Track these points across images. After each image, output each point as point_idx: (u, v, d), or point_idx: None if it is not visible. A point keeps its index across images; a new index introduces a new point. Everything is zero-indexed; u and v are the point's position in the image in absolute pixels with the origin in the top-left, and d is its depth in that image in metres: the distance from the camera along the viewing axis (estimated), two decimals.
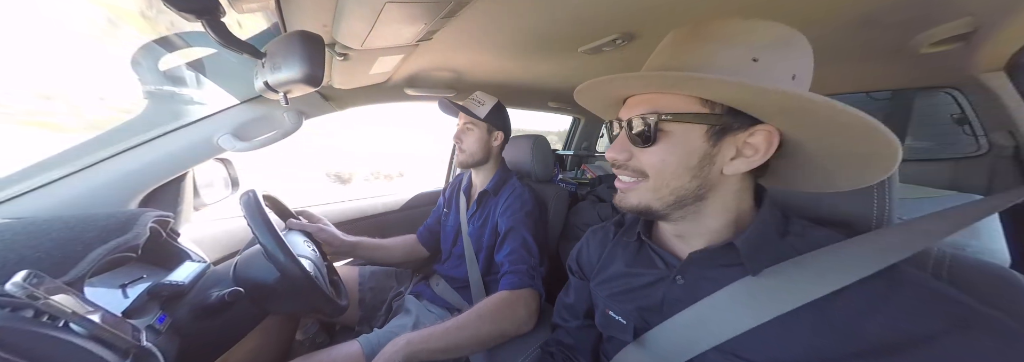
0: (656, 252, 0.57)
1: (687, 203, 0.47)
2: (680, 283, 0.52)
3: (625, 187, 0.50)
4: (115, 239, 0.53)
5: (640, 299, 0.57)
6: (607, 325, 0.61)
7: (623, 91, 0.51)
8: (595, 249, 0.69)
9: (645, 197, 0.48)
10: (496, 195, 1.08)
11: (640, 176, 0.48)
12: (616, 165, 0.50)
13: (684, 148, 0.45)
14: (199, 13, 0.47)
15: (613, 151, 0.49)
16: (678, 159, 0.45)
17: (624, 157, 0.48)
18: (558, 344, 0.72)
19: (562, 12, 0.67)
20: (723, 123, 0.44)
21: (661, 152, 0.46)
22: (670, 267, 0.55)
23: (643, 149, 0.47)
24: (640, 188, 0.48)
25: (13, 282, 0.36)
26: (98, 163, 0.74)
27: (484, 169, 1.14)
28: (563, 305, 0.75)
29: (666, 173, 0.46)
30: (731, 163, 0.45)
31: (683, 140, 0.45)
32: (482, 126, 1.08)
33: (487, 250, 1.04)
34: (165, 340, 0.55)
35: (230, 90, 0.89)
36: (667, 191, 0.47)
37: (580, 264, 0.73)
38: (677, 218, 0.49)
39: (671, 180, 0.46)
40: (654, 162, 0.46)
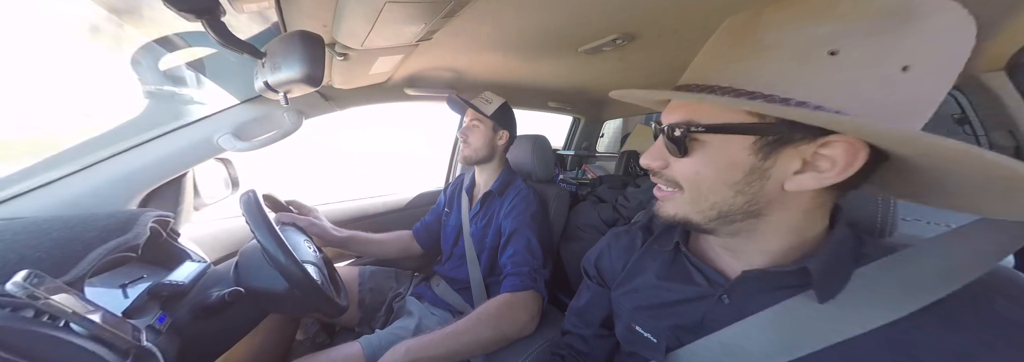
0: (696, 266, 0.52)
1: (736, 219, 0.41)
2: (726, 303, 0.47)
3: (662, 196, 0.46)
4: (115, 239, 0.53)
5: (675, 317, 0.51)
6: (632, 341, 0.56)
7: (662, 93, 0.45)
8: (619, 255, 0.64)
9: (683, 209, 0.44)
10: (501, 196, 1.08)
11: (674, 187, 0.44)
12: (652, 173, 0.46)
13: (723, 161, 0.39)
14: (199, 13, 0.47)
15: (648, 157, 0.45)
16: (716, 173, 0.40)
17: (659, 165, 0.44)
18: (570, 348, 0.69)
19: (562, 12, 0.67)
20: (777, 134, 0.36)
21: (695, 164, 0.41)
22: (714, 285, 0.49)
23: (680, 159, 0.42)
24: (677, 200, 0.44)
25: (13, 282, 0.36)
26: (98, 163, 0.74)
27: (488, 168, 1.14)
28: (577, 311, 0.70)
29: (702, 187, 0.41)
30: (795, 178, 0.38)
31: (722, 152, 0.39)
32: (488, 124, 1.08)
33: (489, 251, 1.03)
34: (165, 340, 0.55)
35: (230, 90, 0.89)
36: (706, 205, 0.42)
37: (599, 269, 0.67)
38: (727, 234, 0.44)
39: (709, 194, 0.41)
40: (688, 174, 0.42)
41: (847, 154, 0.35)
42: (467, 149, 1.10)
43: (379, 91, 1.13)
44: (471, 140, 1.09)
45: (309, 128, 1.01)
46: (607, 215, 1.25)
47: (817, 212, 0.43)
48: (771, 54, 0.34)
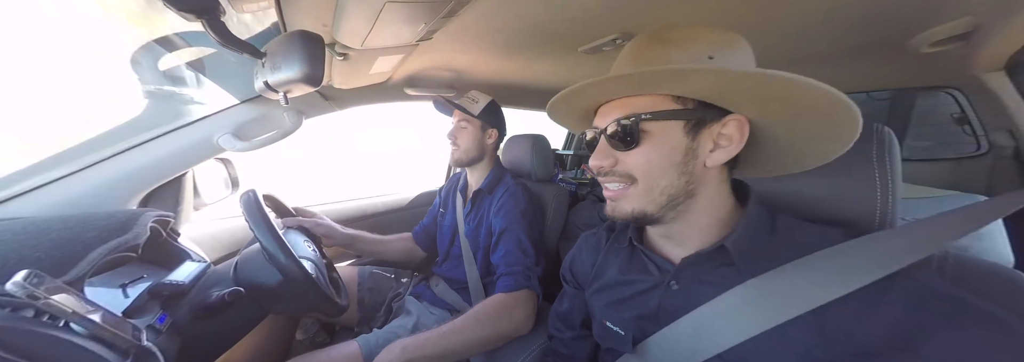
0: (649, 257, 0.57)
1: (679, 202, 0.47)
2: (675, 289, 0.51)
3: (616, 195, 0.50)
4: (115, 239, 0.53)
5: (636, 307, 0.55)
6: (605, 337, 0.59)
7: (597, 98, 0.51)
8: (589, 256, 0.68)
9: (639, 202, 0.48)
10: (491, 194, 1.08)
11: (628, 181, 0.48)
12: (602, 173, 0.50)
13: (667, 145, 0.45)
14: (199, 13, 0.47)
15: (596, 159, 0.49)
16: (663, 156, 0.46)
17: (609, 163, 0.48)
18: (555, 354, 0.71)
19: (562, 12, 0.67)
20: (698, 117, 0.45)
21: (646, 152, 0.46)
22: (664, 272, 0.54)
23: (627, 152, 0.47)
24: (631, 194, 0.48)
25: (13, 282, 0.36)
26: (98, 163, 0.74)
27: (479, 167, 1.13)
28: (557, 315, 0.73)
29: (654, 173, 0.46)
30: (711, 155, 0.46)
31: (664, 138, 0.45)
32: (476, 124, 1.08)
33: (485, 250, 1.03)
34: (165, 340, 0.55)
35: (230, 90, 0.89)
36: (658, 191, 0.47)
37: (574, 273, 0.71)
38: (670, 219, 0.49)
39: (660, 179, 0.46)
40: (640, 163, 0.46)
41: (739, 130, 0.45)
42: (457, 151, 1.09)
43: (379, 91, 1.13)
44: (460, 142, 1.08)
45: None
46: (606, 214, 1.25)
47: (724, 186, 0.51)
48: (678, 55, 0.44)
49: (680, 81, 0.42)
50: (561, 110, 0.57)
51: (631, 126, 0.45)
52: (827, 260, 0.43)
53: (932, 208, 0.88)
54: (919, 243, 0.41)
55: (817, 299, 0.41)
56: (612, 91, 0.48)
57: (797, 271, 0.44)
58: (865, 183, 0.50)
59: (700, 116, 0.45)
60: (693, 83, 0.42)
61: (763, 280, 0.45)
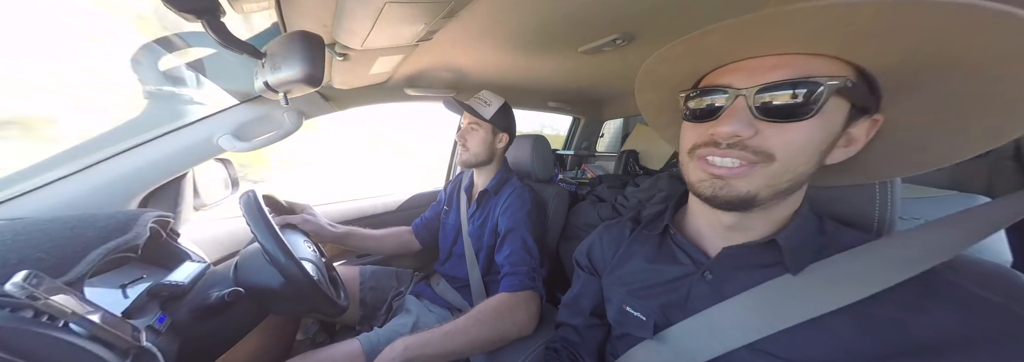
0: (681, 246, 0.55)
1: (792, 191, 0.42)
2: (708, 279, 0.50)
3: (733, 172, 0.41)
4: (115, 239, 0.53)
5: (663, 295, 0.54)
6: (623, 321, 0.58)
7: (748, 48, 0.39)
8: (610, 244, 0.66)
9: (758, 183, 0.40)
10: (496, 194, 1.08)
11: (760, 159, 0.39)
12: (727, 144, 0.40)
13: (830, 127, 0.38)
14: (199, 13, 0.47)
15: (733, 124, 0.39)
16: (822, 139, 0.39)
17: (749, 133, 0.39)
18: (563, 340, 0.70)
19: (562, 12, 0.67)
20: (864, 104, 0.39)
21: (810, 129, 0.38)
22: (697, 263, 0.52)
23: (783, 125, 0.38)
24: (756, 174, 0.40)
25: (13, 282, 0.36)
26: (98, 163, 0.74)
27: (486, 169, 1.13)
28: (568, 302, 0.73)
29: (802, 155, 0.39)
30: (835, 152, 0.41)
31: (833, 117, 0.38)
32: (487, 127, 1.06)
33: (487, 250, 1.04)
34: (165, 340, 0.55)
35: (230, 90, 0.89)
36: (788, 177, 0.40)
37: (591, 259, 0.70)
38: (763, 208, 0.44)
39: (801, 164, 0.39)
40: (797, 141, 0.38)
41: (867, 132, 0.41)
42: (466, 153, 1.08)
43: (379, 91, 1.13)
44: (470, 144, 1.06)
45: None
46: (606, 214, 1.25)
47: (804, 188, 0.46)
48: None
49: (977, 31, 0.31)
50: (680, 52, 0.43)
51: (810, 93, 0.36)
52: (860, 257, 0.42)
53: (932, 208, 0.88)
54: (952, 241, 0.39)
55: (853, 295, 0.40)
56: (786, 39, 0.36)
57: (831, 267, 0.43)
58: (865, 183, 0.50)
59: (867, 104, 0.39)
60: (995, 38, 0.31)
61: (798, 275, 0.44)
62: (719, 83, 0.42)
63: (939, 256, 0.38)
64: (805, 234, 0.46)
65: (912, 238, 0.41)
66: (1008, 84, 0.34)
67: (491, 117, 1.05)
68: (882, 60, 0.36)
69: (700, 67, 0.45)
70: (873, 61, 0.37)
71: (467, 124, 1.08)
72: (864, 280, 0.40)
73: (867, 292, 0.39)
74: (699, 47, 0.41)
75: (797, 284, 0.43)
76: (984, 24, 0.30)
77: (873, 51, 0.35)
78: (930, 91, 0.38)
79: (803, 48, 0.37)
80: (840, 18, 0.33)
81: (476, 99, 1.08)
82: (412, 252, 1.30)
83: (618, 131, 2.30)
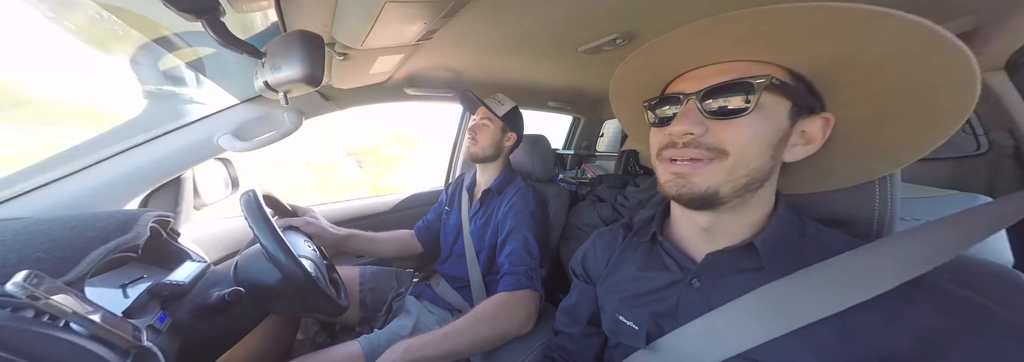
0: (669, 254, 0.55)
1: (753, 188, 0.44)
2: (696, 286, 0.50)
3: (691, 169, 0.44)
4: (115, 239, 0.53)
5: (654, 303, 0.54)
6: (617, 331, 0.58)
7: (693, 58, 0.45)
8: (603, 252, 0.67)
9: (716, 178, 0.43)
10: (500, 194, 1.09)
11: (714, 154, 0.42)
12: (684, 143, 0.44)
13: (773, 122, 0.41)
14: (199, 13, 0.47)
15: (685, 124, 0.42)
16: (767, 133, 0.41)
17: (700, 130, 0.42)
18: (561, 349, 0.71)
19: (562, 12, 0.67)
20: (806, 102, 0.42)
21: (752, 124, 0.41)
22: (684, 270, 0.53)
23: (727, 121, 0.41)
24: (712, 169, 0.43)
25: (13, 282, 0.36)
26: (98, 163, 0.74)
27: (490, 168, 1.14)
28: (565, 310, 0.73)
29: (752, 149, 0.41)
30: (792, 149, 0.44)
31: (773, 113, 0.41)
32: (498, 124, 1.10)
33: (488, 249, 1.04)
34: (165, 340, 0.55)
35: (230, 90, 0.89)
36: (744, 171, 0.42)
37: (586, 268, 0.70)
38: (729, 207, 0.45)
39: (754, 159, 0.42)
40: (742, 135, 0.41)
41: (822, 131, 0.44)
42: (474, 146, 1.11)
43: (379, 91, 1.13)
44: (480, 138, 1.10)
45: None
46: (606, 214, 1.25)
47: (775, 185, 0.48)
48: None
49: (868, 33, 0.36)
50: (639, 63, 0.49)
51: (745, 91, 0.40)
52: (850, 262, 0.42)
53: (932, 208, 0.88)
54: (940, 247, 0.40)
55: (841, 302, 0.40)
56: (717, 46, 0.42)
57: (820, 273, 0.43)
58: (865, 183, 0.50)
59: (808, 102, 0.42)
60: (879, 39, 0.36)
61: (787, 282, 0.44)
62: (673, 91, 0.47)
63: (935, 260, 0.38)
64: (783, 236, 0.47)
65: (906, 242, 0.41)
66: (907, 80, 0.38)
67: (504, 115, 1.09)
68: (802, 62, 0.41)
69: (661, 78, 0.49)
70: (796, 63, 0.42)
71: (480, 119, 1.12)
72: (853, 287, 0.40)
73: (855, 300, 0.39)
74: (655, 58, 0.46)
75: (785, 293, 0.44)
76: (864, 25, 0.35)
77: (789, 54, 0.40)
78: (864, 89, 0.41)
79: (737, 55, 0.43)
80: (754, 27, 0.38)
81: (491, 99, 1.13)
82: (414, 255, 1.30)
83: (618, 131, 2.30)
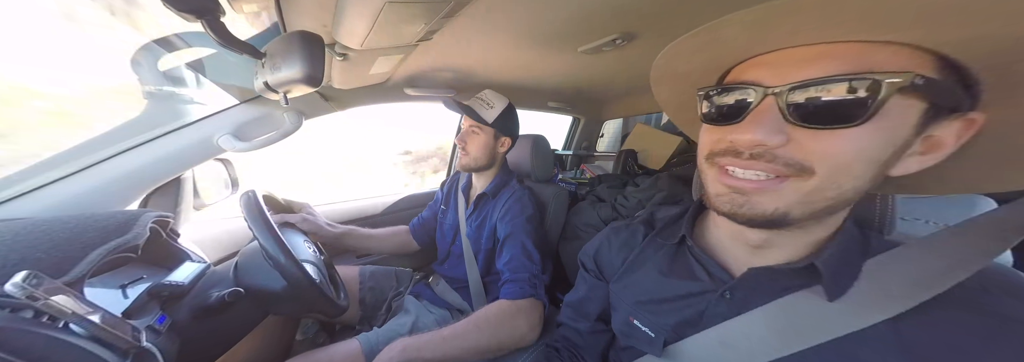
0: (700, 261, 0.49)
1: (836, 210, 0.35)
2: (727, 298, 0.45)
3: (758, 187, 0.34)
4: (115, 239, 0.53)
5: (676, 312, 0.49)
6: (629, 334, 0.54)
7: (779, 37, 0.31)
8: (619, 250, 0.62)
9: (787, 201, 0.33)
10: (495, 198, 1.06)
11: (793, 171, 0.32)
12: (751, 154, 0.33)
13: (891, 134, 0.30)
14: (199, 13, 0.47)
15: (757, 130, 0.32)
16: (879, 149, 0.30)
17: (778, 141, 0.31)
18: (565, 340, 0.68)
19: (562, 12, 0.67)
20: (949, 103, 0.30)
21: (861, 138, 0.29)
22: (716, 280, 0.47)
23: (824, 132, 0.30)
24: (786, 189, 0.33)
25: (13, 282, 0.36)
26: (98, 163, 0.74)
27: (486, 172, 1.11)
28: (572, 304, 0.69)
29: (851, 170, 0.31)
30: (905, 161, 0.32)
31: (897, 121, 0.29)
32: (489, 132, 1.02)
33: (486, 252, 1.03)
34: (165, 340, 0.55)
35: (230, 90, 0.89)
36: (829, 195, 0.32)
37: (598, 263, 0.65)
38: (797, 228, 0.36)
39: (849, 181, 0.31)
40: (844, 152, 0.30)
41: (958, 136, 0.31)
42: (466, 157, 1.04)
43: (379, 91, 1.13)
44: (470, 148, 1.02)
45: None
46: (606, 214, 1.25)
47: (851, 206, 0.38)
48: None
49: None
50: (692, 45, 0.36)
51: (865, 92, 0.28)
52: (889, 270, 0.37)
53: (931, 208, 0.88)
54: (980, 250, 0.35)
55: (881, 313, 0.35)
56: (833, 22, 0.28)
57: (862, 283, 0.38)
58: None
59: (953, 101, 0.30)
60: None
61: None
62: (745, 79, 0.34)
63: (967, 268, 0.33)
64: (848, 256, 0.39)
65: (936, 249, 0.36)
66: None
67: (493, 121, 1.00)
68: (969, 47, 0.27)
69: (723, 61, 0.37)
70: (957, 48, 0.27)
71: (468, 127, 1.04)
72: (893, 296, 0.35)
73: (896, 310, 0.34)
74: (717, 38, 0.34)
75: (817, 301, 0.39)
76: None
77: (954, 34, 0.26)
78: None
79: (853, 33, 0.28)
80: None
81: (477, 100, 1.03)
82: (411, 252, 1.30)
83: (618, 131, 2.30)
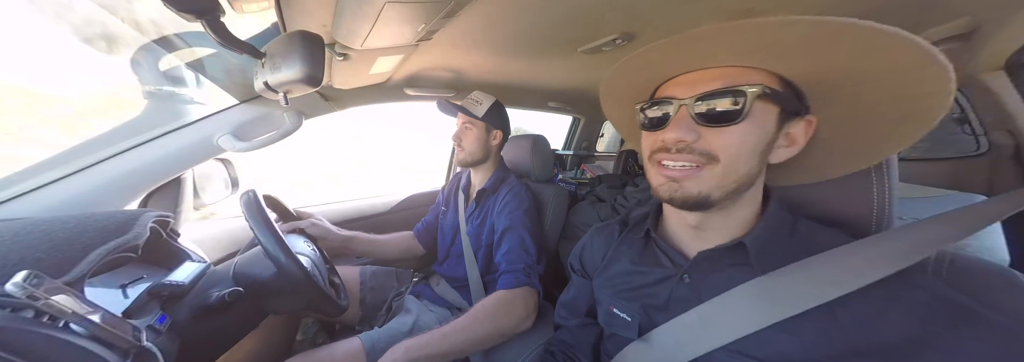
0: (662, 250, 0.57)
1: (742, 191, 0.45)
2: (686, 282, 0.52)
3: (683, 175, 0.45)
4: (115, 239, 0.53)
5: (646, 297, 0.56)
6: (611, 322, 0.60)
7: (682, 64, 0.45)
8: (599, 247, 0.69)
9: (708, 184, 0.44)
10: (494, 193, 1.09)
11: (705, 160, 0.43)
12: (676, 149, 0.45)
13: (762, 129, 0.43)
14: (199, 13, 0.47)
15: (677, 131, 0.44)
16: (756, 140, 0.43)
17: (693, 138, 0.43)
18: (560, 343, 0.72)
19: (562, 12, 0.67)
20: (794, 107, 0.43)
21: (743, 132, 0.42)
22: (677, 266, 0.54)
23: (719, 129, 0.42)
24: (704, 175, 0.44)
25: (13, 282, 0.36)
26: (98, 163, 0.74)
27: (483, 168, 1.14)
28: (564, 304, 0.75)
29: (741, 156, 0.43)
30: (776, 152, 0.45)
31: (763, 120, 0.42)
32: (480, 125, 1.09)
33: (486, 249, 1.04)
34: (165, 340, 0.55)
35: (230, 90, 0.89)
36: (734, 178, 0.44)
37: (583, 262, 0.73)
38: (719, 208, 0.47)
39: (743, 164, 0.43)
40: (732, 143, 0.42)
41: (805, 132, 0.46)
42: (462, 153, 1.10)
43: (379, 91, 1.13)
44: (465, 144, 1.09)
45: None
46: (606, 214, 1.25)
47: (762, 184, 0.50)
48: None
49: (858, 46, 0.37)
50: (630, 69, 0.49)
51: (737, 100, 0.41)
52: (832, 259, 0.43)
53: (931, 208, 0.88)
54: (923, 243, 0.41)
55: (823, 296, 0.41)
56: (713, 54, 0.42)
57: (803, 270, 0.44)
58: (862, 183, 0.50)
59: (795, 107, 0.43)
60: (872, 52, 0.37)
61: (772, 276, 0.45)
62: (665, 95, 0.47)
63: (918, 254, 0.40)
64: (772, 235, 0.48)
65: (892, 238, 0.43)
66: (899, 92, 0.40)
67: (483, 115, 1.07)
68: (796, 72, 0.42)
69: (653, 80, 0.50)
70: (790, 72, 0.43)
71: (461, 124, 1.11)
72: (835, 282, 0.41)
73: (834, 294, 0.40)
74: (649, 60, 0.46)
75: (770, 287, 0.45)
76: (859, 39, 0.37)
77: (785, 63, 0.41)
78: (848, 97, 0.43)
79: (731, 62, 0.43)
80: (758, 37, 0.38)
81: (468, 99, 1.11)
82: (416, 256, 1.31)
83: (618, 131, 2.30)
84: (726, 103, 0.41)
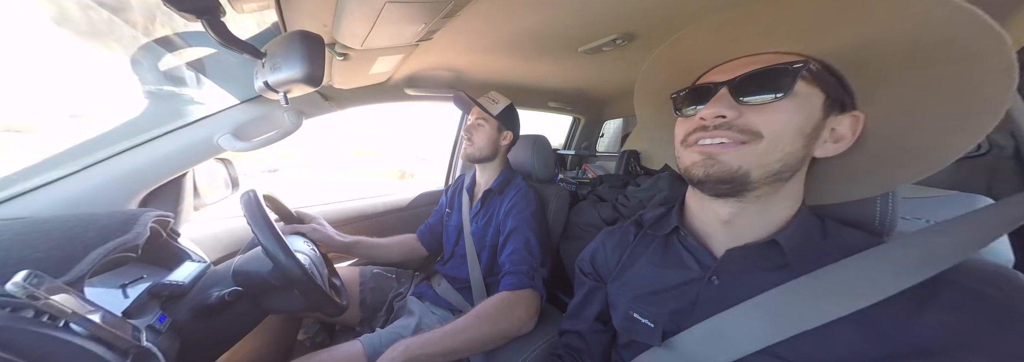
0: (688, 249, 0.54)
1: (783, 178, 0.43)
2: (715, 284, 0.49)
3: (721, 149, 0.43)
4: (115, 239, 0.53)
5: (670, 301, 0.53)
6: (630, 328, 0.57)
7: (722, 52, 0.46)
8: (614, 250, 0.66)
9: (749, 161, 0.42)
10: (501, 194, 1.09)
11: (748, 136, 0.42)
12: (714, 125, 0.43)
13: (807, 110, 0.41)
14: (199, 13, 0.47)
15: (718, 106, 0.43)
16: (802, 120, 0.41)
17: (733, 114, 0.42)
18: (568, 348, 0.70)
19: (562, 12, 0.67)
20: (837, 97, 0.43)
21: (788, 108, 0.41)
22: (704, 267, 0.52)
23: (763, 106, 0.41)
24: (744, 150, 0.42)
25: (13, 282, 0.36)
26: (98, 163, 0.74)
27: (489, 167, 1.14)
28: (573, 309, 0.72)
29: (786, 134, 0.41)
30: (822, 146, 0.44)
31: (808, 102, 0.41)
32: (493, 124, 1.09)
33: (490, 250, 1.04)
34: (165, 340, 0.55)
35: (230, 90, 0.89)
36: (777, 156, 0.41)
37: (595, 266, 0.70)
38: (755, 196, 0.45)
39: (787, 143, 0.41)
40: (778, 119, 0.41)
41: (852, 129, 0.44)
42: (470, 147, 1.10)
43: (379, 91, 1.13)
44: (475, 139, 1.09)
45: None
46: (607, 214, 1.25)
47: (801, 184, 0.48)
48: None
49: (891, 14, 0.37)
50: (666, 58, 0.50)
51: (780, 78, 0.40)
52: (868, 261, 0.42)
53: (932, 208, 0.88)
54: (959, 245, 0.40)
55: (863, 300, 0.40)
56: (744, 40, 0.44)
57: (842, 270, 0.43)
58: None
59: (840, 96, 0.43)
60: (905, 23, 0.36)
61: (808, 279, 0.44)
62: (703, 82, 0.48)
63: (946, 261, 0.38)
64: (806, 234, 0.46)
65: (919, 242, 0.41)
66: (953, 69, 0.38)
67: (498, 114, 1.08)
68: (831, 51, 0.42)
69: (688, 73, 0.50)
70: (825, 52, 0.42)
71: (474, 119, 1.11)
72: (871, 287, 0.40)
73: (873, 299, 0.39)
74: (682, 50, 0.47)
75: (805, 291, 0.43)
76: (888, 5, 0.36)
77: (817, 42, 0.41)
78: (896, 84, 0.42)
79: (766, 47, 0.44)
80: (776, 12, 0.41)
81: (485, 97, 1.11)
82: (419, 259, 1.31)
83: (618, 131, 2.30)
84: (769, 80, 0.41)
